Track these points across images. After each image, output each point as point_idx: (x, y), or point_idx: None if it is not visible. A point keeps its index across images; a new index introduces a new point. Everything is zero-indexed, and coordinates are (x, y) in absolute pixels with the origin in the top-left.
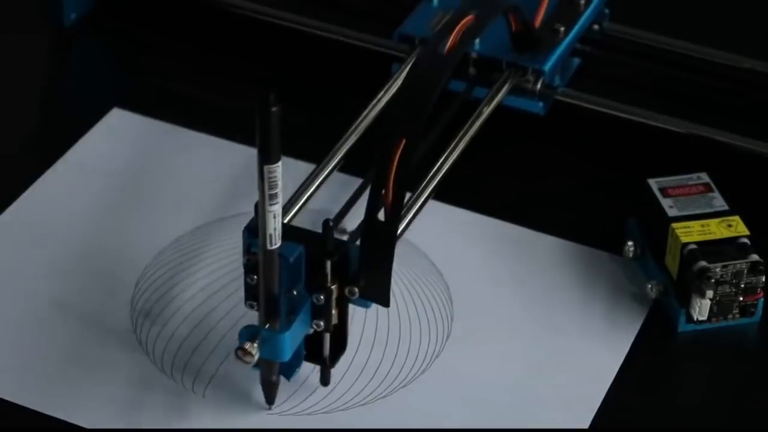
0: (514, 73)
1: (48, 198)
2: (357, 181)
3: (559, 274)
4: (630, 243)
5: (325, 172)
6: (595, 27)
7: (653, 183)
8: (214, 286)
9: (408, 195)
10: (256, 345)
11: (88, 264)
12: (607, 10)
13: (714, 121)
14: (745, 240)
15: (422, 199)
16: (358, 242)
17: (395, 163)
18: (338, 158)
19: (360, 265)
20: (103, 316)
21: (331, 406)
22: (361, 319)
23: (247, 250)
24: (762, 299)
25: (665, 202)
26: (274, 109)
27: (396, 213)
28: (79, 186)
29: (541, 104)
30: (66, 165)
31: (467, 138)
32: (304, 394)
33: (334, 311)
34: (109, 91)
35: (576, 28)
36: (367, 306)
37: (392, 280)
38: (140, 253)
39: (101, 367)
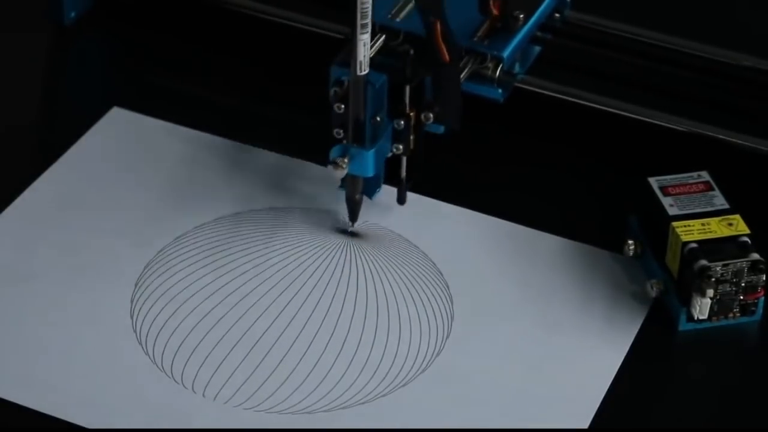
0: (473, 60)
1: (48, 197)
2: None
3: (559, 272)
4: (630, 242)
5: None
6: (556, 15)
7: (654, 181)
8: (215, 284)
9: None
10: (346, 160)
11: (87, 263)
12: None
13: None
14: (746, 239)
15: None
16: None
17: (440, 39)
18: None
19: (434, 93)
20: (103, 315)
21: (331, 405)
22: (361, 318)
23: (336, 82)
24: (762, 298)
25: (666, 201)
26: None
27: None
28: (78, 185)
29: (500, 91)
30: (66, 164)
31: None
32: (304, 392)
33: (411, 137)
34: (109, 90)
35: (536, 15)
36: (439, 131)
37: (391, 280)
38: (140, 251)
39: (101, 366)
